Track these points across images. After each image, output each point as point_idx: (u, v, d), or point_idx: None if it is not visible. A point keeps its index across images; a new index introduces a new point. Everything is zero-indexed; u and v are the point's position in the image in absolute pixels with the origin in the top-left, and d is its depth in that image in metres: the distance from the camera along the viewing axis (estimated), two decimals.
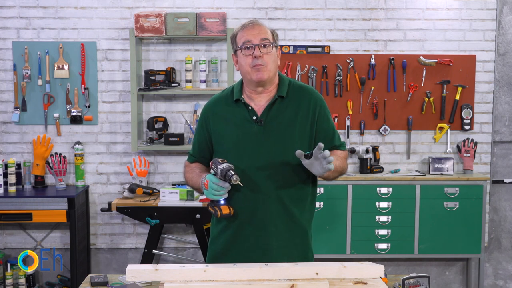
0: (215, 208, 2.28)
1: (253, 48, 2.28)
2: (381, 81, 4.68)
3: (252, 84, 2.33)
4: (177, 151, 4.66)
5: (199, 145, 2.47)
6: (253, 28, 2.31)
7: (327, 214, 4.41)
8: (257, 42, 2.28)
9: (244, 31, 2.32)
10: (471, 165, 4.66)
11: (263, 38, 2.28)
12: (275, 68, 2.34)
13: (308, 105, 2.35)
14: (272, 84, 2.36)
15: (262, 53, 2.27)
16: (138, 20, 4.41)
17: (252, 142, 2.31)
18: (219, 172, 2.20)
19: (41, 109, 4.61)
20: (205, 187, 2.25)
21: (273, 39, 2.33)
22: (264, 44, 2.28)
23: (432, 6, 4.68)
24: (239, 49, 2.32)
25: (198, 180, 2.39)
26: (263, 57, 2.28)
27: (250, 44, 2.28)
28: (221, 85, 4.59)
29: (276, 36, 2.37)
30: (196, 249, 4.72)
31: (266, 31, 2.32)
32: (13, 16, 4.58)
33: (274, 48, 2.32)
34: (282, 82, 2.38)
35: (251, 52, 2.28)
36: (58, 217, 4.29)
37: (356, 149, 4.57)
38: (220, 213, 2.27)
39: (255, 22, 2.35)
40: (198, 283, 1.88)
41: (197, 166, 2.48)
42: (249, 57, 2.28)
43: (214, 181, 2.21)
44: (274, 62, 2.33)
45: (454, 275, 4.85)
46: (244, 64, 2.31)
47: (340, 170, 2.35)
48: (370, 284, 1.96)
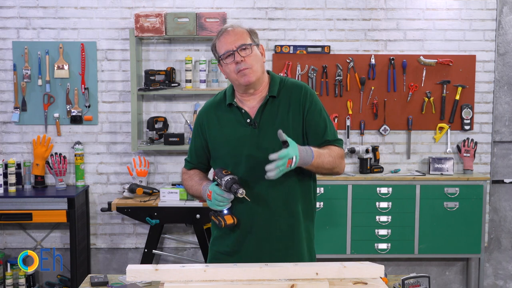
0: (219, 218, 2.28)
1: (233, 55, 2.25)
2: (381, 81, 4.68)
3: (242, 89, 2.31)
4: (177, 151, 4.66)
5: (196, 151, 2.45)
6: (228, 34, 2.28)
7: (327, 214, 4.41)
8: (235, 47, 2.25)
9: (221, 41, 2.29)
10: (471, 165, 4.66)
11: (240, 43, 2.25)
12: (261, 67, 2.31)
13: (299, 100, 2.31)
14: (261, 83, 2.33)
15: (243, 57, 2.25)
16: (138, 20, 4.41)
17: (248, 145, 2.29)
18: (224, 184, 2.19)
19: (41, 109, 4.61)
20: (209, 198, 2.24)
21: (251, 39, 2.30)
22: (242, 48, 2.25)
23: (432, 6, 4.68)
24: (221, 59, 2.30)
25: (198, 188, 2.38)
26: (245, 60, 2.25)
27: (229, 51, 2.26)
28: (221, 85, 4.59)
29: (254, 34, 2.32)
30: (196, 249, 4.72)
31: (242, 34, 2.28)
32: (13, 16, 4.59)
33: (254, 48, 2.29)
34: (273, 81, 2.36)
35: (232, 59, 2.26)
36: (58, 217, 4.29)
37: (356, 149, 4.57)
38: (224, 223, 2.26)
39: (229, 27, 2.31)
40: (198, 283, 1.88)
41: (196, 173, 2.47)
42: (232, 64, 2.26)
43: (218, 192, 2.21)
44: (259, 62, 2.30)
45: (454, 275, 4.85)
46: (229, 71, 2.29)
47: (330, 167, 2.27)
48: (370, 284, 1.96)
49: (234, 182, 2.18)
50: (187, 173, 2.50)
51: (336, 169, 2.32)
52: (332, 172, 2.32)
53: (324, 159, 2.24)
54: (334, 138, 2.34)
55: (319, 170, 2.28)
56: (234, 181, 2.18)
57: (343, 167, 2.37)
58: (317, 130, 2.31)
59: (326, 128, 2.33)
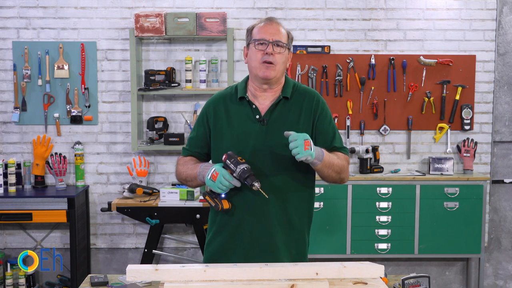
0: (216, 200, 2.27)
1: (266, 45, 2.28)
2: (381, 81, 4.68)
3: (258, 81, 2.33)
4: (177, 151, 4.66)
5: (197, 140, 2.45)
6: (271, 25, 2.32)
7: (327, 214, 4.41)
8: (272, 40, 2.28)
9: (262, 27, 2.32)
10: (471, 165, 4.66)
11: (278, 38, 2.29)
12: (283, 69, 2.34)
13: (310, 107, 2.35)
14: (278, 84, 2.36)
15: (275, 52, 2.28)
16: (138, 20, 4.42)
17: (253, 140, 2.30)
18: (238, 172, 2.17)
19: (41, 109, 4.61)
20: (213, 178, 2.22)
21: (288, 41, 2.34)
22: (278, 43, 2.29)
23: (432, 6, 4.68)
24: (253, 42, 2.31)
25: (193, 170, 2.36)
26: (274, 56, 2.28)
27: (265, 40, 2.28)
28: (221, 85, 4.59)
29: (291, 39, 2.37)
30: (196, 249, 4.72)
31: (283, 32, 2.33)
32: (13, 16, 4.58)
33: (286, 50, 2.33)
34: (287, 84, 2.39)
35: (264, 48, 2.28)
36: (58, 217, 4.29)
37: (356, 149, 4.57)
38: (221, 206, 2.26)
39: (274, 20, 2.35)
40: (198, 283, 1.88)
41: (191, 159, 2.46)
42: (261, 52, 2.29)
43: (227, 177, 2.20)
44: (284, 64, 2.34)
45: (454, 275, 4.85)
46: (254, 58, 2.30)
47: (338, 169, 2.32)
48: (370, 284, 1.96)
49: (250, 173, 2.16)
50: (182, 159, 2.49)
51: (343, 174, 2.36)
52: (340, 176, 2.35)
53: (333, 160, 2.28)
54: (341, 145, 2.40)
55: (329, 172, 2.29)
56: (249, 172, 2.16)
57: (348, 173, 2.43)
58: (326, 137, 2.36)
59: (334, 135, 2.39)
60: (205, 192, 2.32)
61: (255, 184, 2.15)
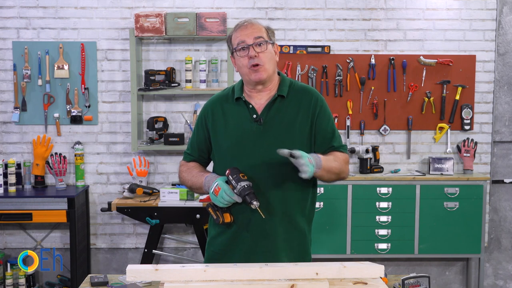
0: (217, 213, 2.28)
1: (247, 49, 2.26)
2: (381, 81, 4.68)
3: (251, 84, 2.32)
4: (177, 151, 4.66)
5: (198, 143, 2.45)
6: (246, 28, 2.29)
7: (327, 214, 4.41)
8: (251, 41, 2.26)
9: (237, 32, 2.30)
10: (471, 165, 4.66)
11: (256, 37, 2.26)
12: (273, 65, 2.31)
13: (309, 105, 2.33)
14: (271, 82, 2.34)
15: (257, 52, 2.25)
16: (138, 20, 4.42)
17: (251, 141, 2.29)
18: (238, 189, 2.18)
19: (41, 109, 4.61)
20: (215, 193, 2.22)
21: (268, 36, 2.30)
22: (258, 43, 2.26)
23: (432, 6, 4.68)
24: (235, 51, 2.30)
25: (198, 180, 2.36)
26: (259, 56, 2.25)
27: (244, 44, 2.26)
28: (221, 85, 4.59)
29: (271, 33, 2.33)
30: (196, 249, 4.72)
31: (260, 29, 2.29)
32: (13, 16, 4.59)
33: (269, 46, 2.29)
34: (283, 82, 2.37)
35: (246, 52, 2.26)
36: (58, 217, 4.29)
37: (356, 149, 4.57)
38: (222, 220, 2.27)
39: (248, 21, 2.32)
40: (198, 283, 1.88)
41: (195, 166, 2.46)
42: (245, 57, 2.26)
43: (228, 193, 2.19)
44: (271, 60, 2.30)
45: (454, 275, 4.85)
46: (241, 65, 2.29)
47: (337, 172, 2.30)
48: (370, 284, 1.95)
49: (250, 191, 2.17)
50: (185, 165, 2.48)
51: (343, 174, 2.35)
52: (339, 177, 2.35)
53: (331, 164, 2.26)
54: (339, 144, 2.38)
55: (329, 176, 2.28)
56: (250, 190, 2.17)
57: (348, 171, 2.41)
58: (325, 135, 2.34)
59: (334, 134, 2.36)
60: (209, 204, 2.32)
61: (254, 202, 2.15)
